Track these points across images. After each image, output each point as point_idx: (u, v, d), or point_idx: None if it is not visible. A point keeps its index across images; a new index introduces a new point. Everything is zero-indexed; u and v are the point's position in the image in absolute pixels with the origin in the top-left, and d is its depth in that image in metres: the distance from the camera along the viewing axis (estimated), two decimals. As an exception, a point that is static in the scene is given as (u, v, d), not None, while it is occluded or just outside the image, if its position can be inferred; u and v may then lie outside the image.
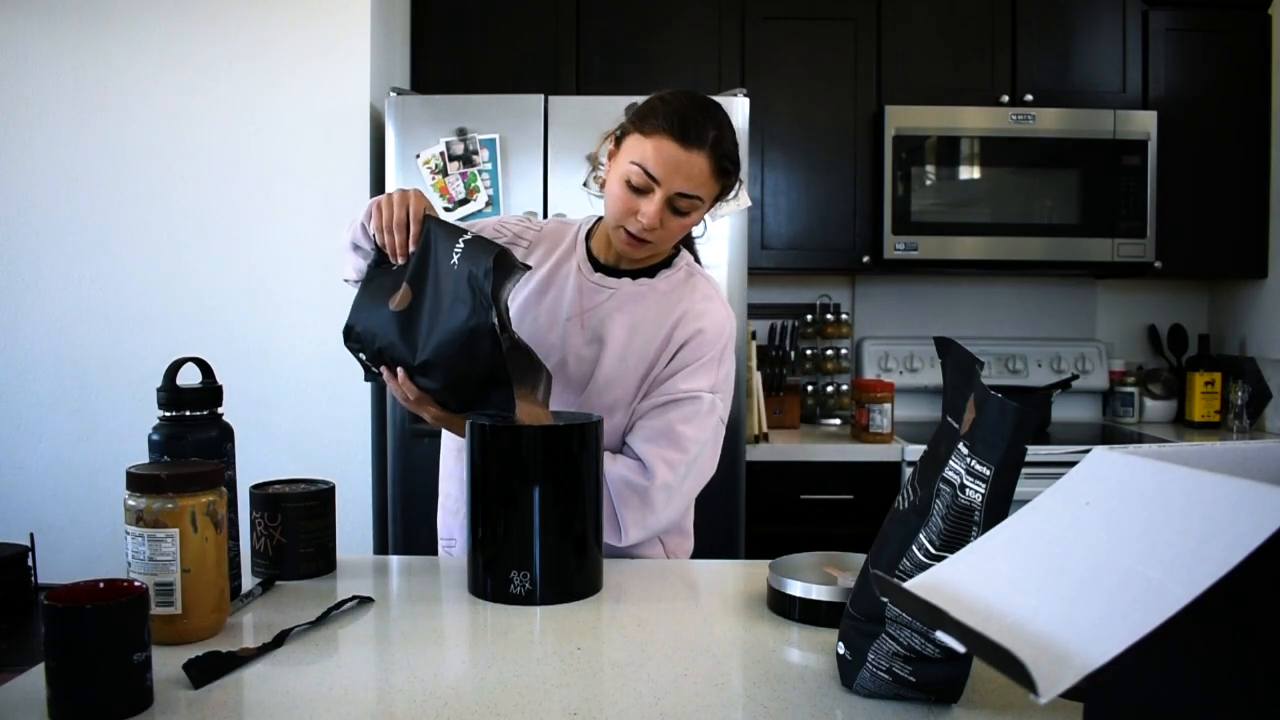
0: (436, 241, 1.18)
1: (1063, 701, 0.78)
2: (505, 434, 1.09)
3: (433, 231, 1.18)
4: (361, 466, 2.39)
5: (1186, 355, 3.06)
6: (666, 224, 1.23)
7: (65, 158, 2.36)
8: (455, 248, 1.15)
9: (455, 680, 0.85)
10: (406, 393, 1.21)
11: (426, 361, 1.16)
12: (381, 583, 1.18)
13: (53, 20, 2.35)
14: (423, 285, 1.17)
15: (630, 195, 1.21)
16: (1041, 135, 2.67)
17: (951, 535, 0.73)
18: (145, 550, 0.91)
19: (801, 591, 1.01)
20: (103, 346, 2.37)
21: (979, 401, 0.74)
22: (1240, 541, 0.43)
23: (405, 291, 1.18)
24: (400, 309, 1.18)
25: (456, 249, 1.15)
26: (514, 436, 1.08)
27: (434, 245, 1.18)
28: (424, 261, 1.18)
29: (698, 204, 1.22)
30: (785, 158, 2.76)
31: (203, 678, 0.84)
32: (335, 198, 2.37)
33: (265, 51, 2.36)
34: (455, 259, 1.14)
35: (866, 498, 2.50)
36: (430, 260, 1.17)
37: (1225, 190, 2.78)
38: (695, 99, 1.24)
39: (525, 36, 2.72)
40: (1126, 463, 0.55)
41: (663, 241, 1.27)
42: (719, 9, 2.73)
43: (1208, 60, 2.77)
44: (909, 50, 2.76)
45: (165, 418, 1.06)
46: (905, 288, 3.10)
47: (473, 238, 1.16)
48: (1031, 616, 0.48)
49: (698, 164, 1.19)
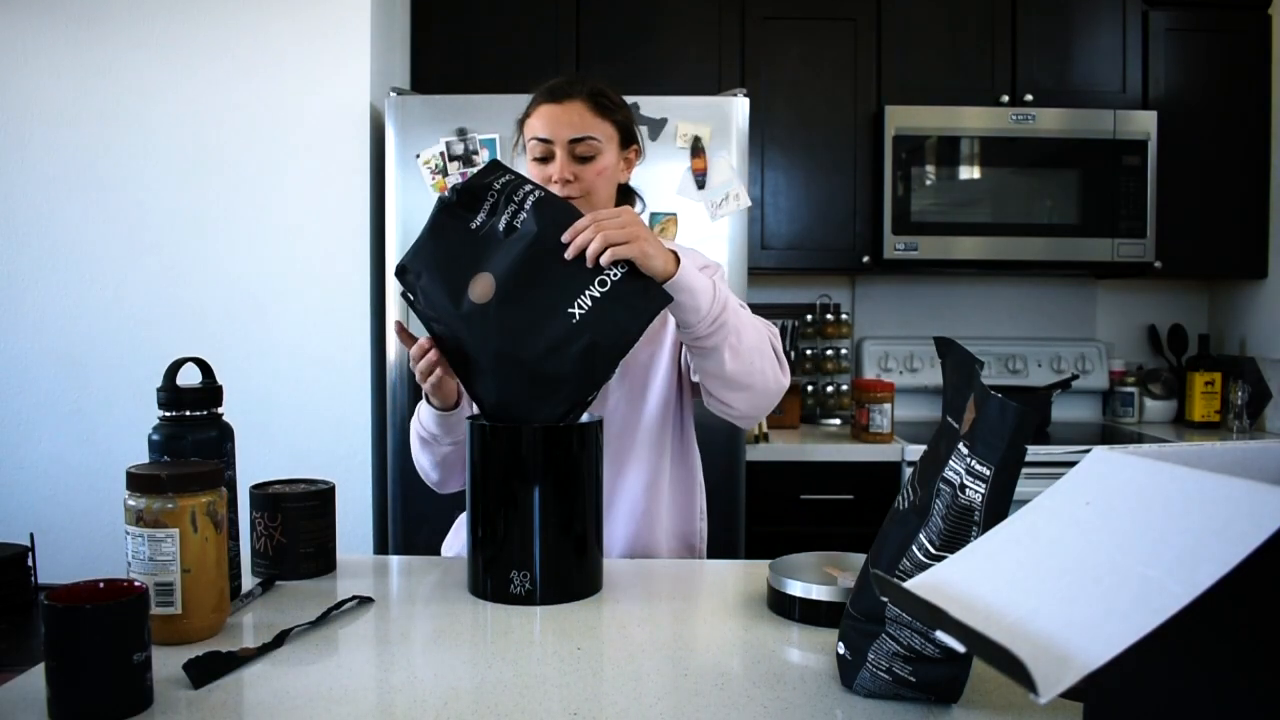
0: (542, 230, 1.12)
1: (1063, 701, 0.78)
2: (505, 434, 1.08)
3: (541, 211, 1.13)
4: (361, 466, 2.39)
5: (1186, 355, 3.05)
6: (580, 174, 1.32)
7: (65, 158, 2.36)
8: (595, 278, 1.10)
9: (455, 680, 0.85)
10: (430, 365, 1.18)
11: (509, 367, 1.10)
12: (381, 583, 1.18)
13: (53, 21, 2.35)
14: (516, 280, 1.11)
15: (542, 167, 1.33)
16: (1041, 135, 2.67)
17: (951, 535, 0.73)
18: (145, 550, 0.91)
19: (801, 591, 1.01)
20: (103, 346, 2.37)
21: (979, 401, 0.74)
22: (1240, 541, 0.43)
23: (488, 282, 1.12)
24: (482, 302, 1.11)
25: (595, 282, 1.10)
26: (514, 436, 1.08)
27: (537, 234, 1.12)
28: (515, 250, 1.12)
29: (596, 144, 1.32)
30: (785, 158, 2.76)
31: (203, 678, 0.84)
32: (335, 198, 2.37)
33: (265, 52, 2.36)
34: (595, 286, 1.10)
35: (866, 498, 2.50)
36: (527, 250, 1.11)
37: (1225, 190, 2.78)
38: (568, 74, 1.40)
39: (525, 36, 2.72)
40: (1126, 463, 0.55)
41: (590, 191, 1.34)
42: (719, 9, 2.73)
43: (1208, 60, 2.77)
44: (909, 50, 2.76)
45: (165, 418, 1.06)
46: (905, 288, 3.10)
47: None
48: (1031, 616, 0.48)
49: (575, 109, 1.31)
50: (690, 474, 1.43)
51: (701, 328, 1.16)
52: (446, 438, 1.30)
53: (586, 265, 1.10)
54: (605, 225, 1.10)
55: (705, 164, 2.24)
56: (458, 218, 1.16)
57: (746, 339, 1.21)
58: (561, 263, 1.10)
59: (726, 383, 1.22)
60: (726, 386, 1.23)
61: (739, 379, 1.21)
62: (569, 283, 1.10)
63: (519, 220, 1.14)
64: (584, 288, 1.10)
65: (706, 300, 1.15)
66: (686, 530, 1.42)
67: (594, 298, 1.10)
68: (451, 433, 1.29)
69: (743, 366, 1.20)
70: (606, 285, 1.10)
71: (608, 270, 1.10)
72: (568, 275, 1.10)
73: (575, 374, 1.09)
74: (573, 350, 1.08)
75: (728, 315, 1.17)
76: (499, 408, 1.13)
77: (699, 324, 1.16)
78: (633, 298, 1.10)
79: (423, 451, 1.35)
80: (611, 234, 1.09)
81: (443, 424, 1.28)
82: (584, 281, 1.10)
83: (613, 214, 1.12)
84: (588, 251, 1.09)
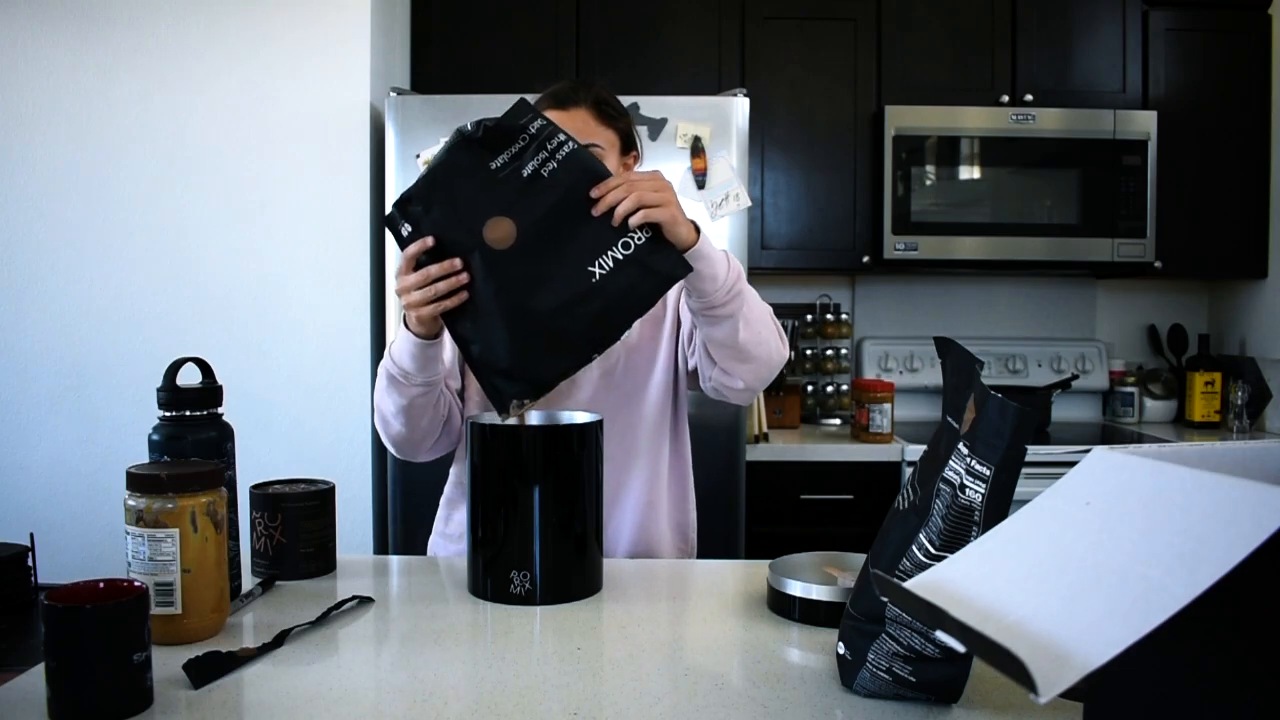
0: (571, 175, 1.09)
1: (1063, 701, 0.78)
2: (505, 434, 1.08)
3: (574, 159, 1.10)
4: (361, 466, 2.39)
5: (1186, 355, 3.05)
6: None
7: (65, 157, 2.36)
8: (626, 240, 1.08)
9: (455, 680, 0.85)
10: (451, 288, 1.11)
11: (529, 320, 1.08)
12: (381, 583, 1.18)
13: (53, 20, 2.35)
14: (539, 231, 1.08)
15: None
16: (1041, 135, 2.67)
17: (951, 535, 0.73)
18: (145, 550, 0.91)
19: (801, 591, 1.01)
20: (103, 346, 2.37)
21: (979, 401, 0.74)
22: (1240, 541, 0.43)
23: (508, 227, 1.09)
24: (500, 248, 1.08)
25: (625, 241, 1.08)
26: (514, 436, 1.08)
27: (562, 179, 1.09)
28: (548, 197, 1.09)
29: (599, 151, 1.31)
30: (785, 158, 2.76)
31: (203, 678, 0.84)
32: (335, 197, 2.37)
33: (265, 51, 2.36)
34: (625, 240, 1.07)
35: (866, 498, 2.50)
36: (552, 197, 1.08)
37: (1225, 190, 2.78)
38: (570, 80, 1.39)
39: (525, 37, 2.72)
40: (1126, 463, 0.55)
41: None
42: (719, 9, 2.73)
43: (1208, 60, 2.77)
44: (909, 50, 2.76)
45: (165, 418, 1.06)
46: (905, 288, 3.10)
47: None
48: (1031, 616, 0.48)
49: (579, 116, 1.31)
50: (684, 464, 1.45)
51: (718, 296, 1.17)
52: (419, 375, 1.22)
53: (612, 225, 1.08)
54: (639, 185, 1.08)
55: (705, 164, 2.24)
56: (475, 154, 1.11)
57: (756, 309, 1.23)
58: (587, 219, 1.08)
59: (737, 353, 1.23)
60: (735, 357, 1.24)
61: (749, 348, 1.22)
62: (593, 241, 1.08)
63: (547, 169, 1.10)
64: (606, 248, 1.08)
65: (723, 269, 1.16)
66: (682, 520, 1.43)
67: (616, 259, 1.08)
68: (425, 369, 1.22)
69: (753, 336, 1.22)
70: (630, 249, 1.09)
71: (632, 233, 1.09)
72: (591, 234, 1.08)
73: (583, 334, 1.08)
74: (586, 310, 1.08)
75: (742, 284, 1.19)
76: (489, 354, 1.09)
77: (716, 292, 1.16)
78: (655, 265, 1.09)
79: (388, 394, 1.26)
80: (646, 195, 1.08)
81: (420, 357, 1.21)
82: (607, 242, 1.08)
83: (646, 175, 1.11)
84: (619, 209, 1.07)
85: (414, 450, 1.33)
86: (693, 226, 1.14)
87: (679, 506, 1.43)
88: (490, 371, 1.11)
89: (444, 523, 1.42)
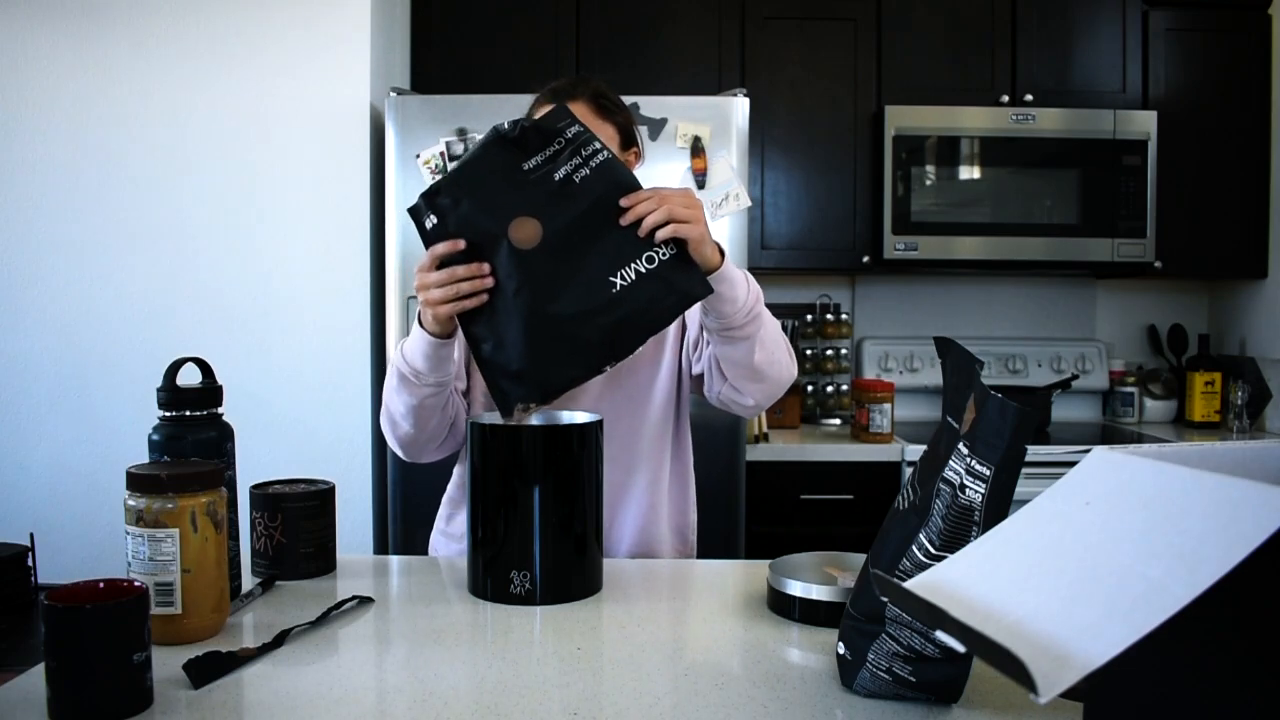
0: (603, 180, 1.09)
1: (1063, 701, 0.78)
2: (505, 434, 1.08)
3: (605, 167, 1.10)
4: (361, 466, 2.39)
5: (1186, 355, 3.05)
6: None
7: (65, 157, 2.36)
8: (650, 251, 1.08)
9: (455, 680, 0.85)
10: (475, 289, 1.09)
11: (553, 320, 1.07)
12: (381, 583, 1.18)
13: (53, 20, 2.35)
14: (565, 236, 1.07)
15: None
16: (1041, 135, 2.67)
17: (951, 535, 0.73)
18: (145, 550, 0.91)
19: (801, 591, 1.01)
20: (103, 346, 2.37)
21: (979, 401, 0.74)
22: (1240, 541, 0.43)
23: (534, 228, 1.08)
24: (524, 248, 1.08)
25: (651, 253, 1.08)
26: (514, 436, 1.08)
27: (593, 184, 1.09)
28: (580, 202, 1.08)
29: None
30: (785, 158, 2.76)
31: (203, 678, 0.84)
32: (335, 198, 2.37)
33: (265, 51, 2.36)
34: (651, 253, 1.07)
35: (866, 498, 2.50)
36: (583, 201, 1.08)
37: (1225, 190, 2.78)
38: (570, 77, 1.39)
39: (525, 37, 2.72)
40: (1126, 463, 0.55)
41: None
42: (719, 9, 2.73)
43: (1208, 60, 2.77)
44: (909, 50, 2.76)
45: (165, 418, 1.06)
46: (905, 288, 3.10)
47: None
48: (1031, 616, 0.48)
49: (578, 110, 1.26)
50: (685, 467, 1.45)
51: (738, 319, 1.17)
52: (431, 375, 1.20)
53: (639, 237, 1.08)
54: (670, 199, 1.08)
55: (705, 164, 2.24)
56: (510, 154, 1.10)
57: (771, 331, 1.23)
58: (613, 229, 1.08)
59: (751, 373, 1.23)
60: (749, 377, 1.24)
61: (763, 369, 1.23)
62: (616, 251, 1.08)
63: (579, 175, 1.09)
64: (630, 260, 1.08)
65: (743, 291, 1.16)
66: (682, 523, 1.43)
67: (639, 273, 1.08)
68: (437, 369, 1.20)
69: (767, 357, 1.22)
70: (654, 263, 1.08)
71: (658, 248, 1.08)
72: (616, 244, 1.08)
73: (598, 344, 1.08)
74: (604, 320, 1.07)
75: (760, 307, 1.19)
76: (500, 354, 1.09)
77: (735, 315, 1.16)
78: (677, 282, 1.09)
79: (398, 393, 1.24)
80: (676, 209, 1.07)
81: (433, 356, 1.19)
82: (631, 254, 1.08)
83: (678, 191, 1.10)
84: (648, 219, 1.07)
85: (420, 451, 1.33)
86: (718, 248, 1.14)
87: (680, 509, 1.43)
88: (498, 373, 1.10)
89: (445, 521, 1.42)
